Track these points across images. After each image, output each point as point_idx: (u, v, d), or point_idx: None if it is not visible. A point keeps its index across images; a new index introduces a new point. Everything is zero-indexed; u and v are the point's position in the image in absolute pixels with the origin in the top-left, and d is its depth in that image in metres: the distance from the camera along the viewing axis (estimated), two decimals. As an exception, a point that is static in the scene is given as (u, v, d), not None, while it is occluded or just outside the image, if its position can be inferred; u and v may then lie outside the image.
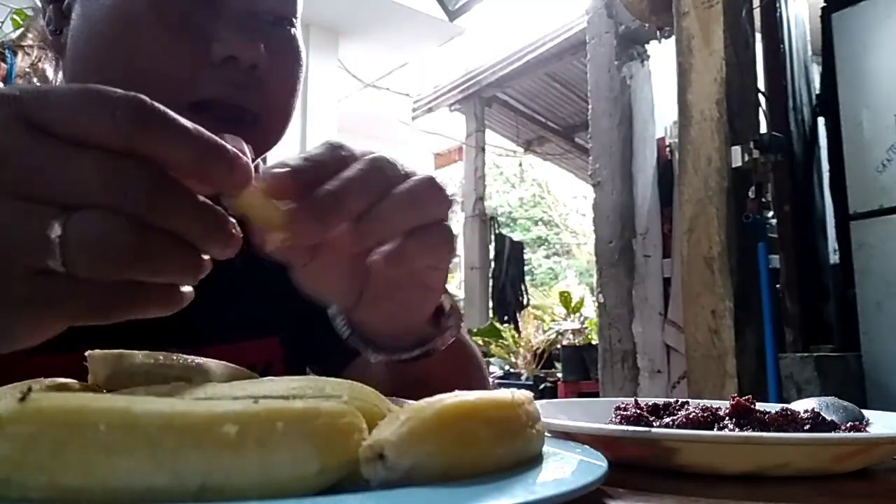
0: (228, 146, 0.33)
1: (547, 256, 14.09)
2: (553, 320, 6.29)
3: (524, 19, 5.57)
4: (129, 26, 0.58)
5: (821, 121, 3.32)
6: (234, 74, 0.59)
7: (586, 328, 5.87)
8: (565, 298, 6.29)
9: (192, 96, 0.58)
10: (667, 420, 0.46)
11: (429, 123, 7.20)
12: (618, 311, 3.56)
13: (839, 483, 0.40)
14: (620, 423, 0.47)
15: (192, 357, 0.36)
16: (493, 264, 6.33)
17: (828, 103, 3.15)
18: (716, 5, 2.65)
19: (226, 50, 0.58)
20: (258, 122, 0.62)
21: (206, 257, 0.33)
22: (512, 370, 6.08)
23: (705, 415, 0.45)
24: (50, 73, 0.69)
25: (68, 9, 0.62)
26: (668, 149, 3.56)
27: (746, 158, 2.56)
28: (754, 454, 0.39)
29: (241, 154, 0.33)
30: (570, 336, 5.92)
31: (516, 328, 6.22)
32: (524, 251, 6.85)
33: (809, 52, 3.42)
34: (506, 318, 6.28)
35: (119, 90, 0.31)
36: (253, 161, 0.62)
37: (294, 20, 0.65)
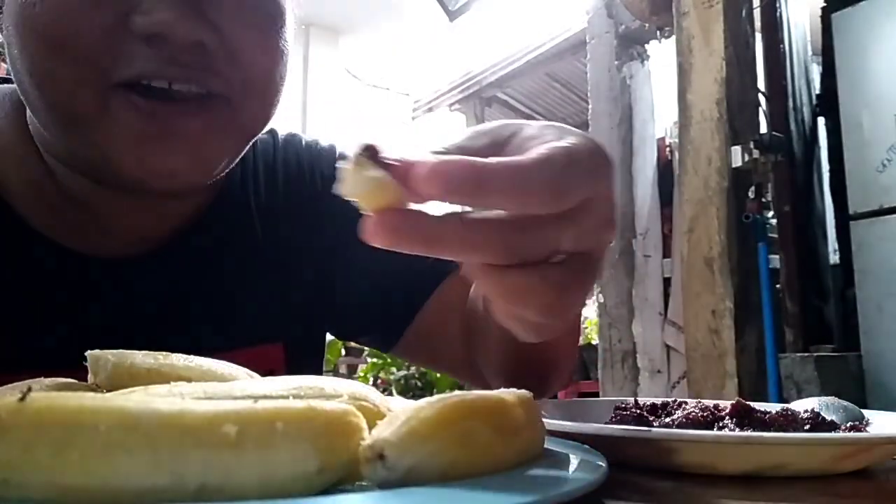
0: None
1: (547, 256, 14.09)
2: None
3: (524, 19, 5.57)
4: (31, 2, 0.48)
5: (821, 121, 3.33)
6: (164, 51, 0.48)
7: (586, 328, 5.87)
8: (565, 298, 6.27)
9: (117, 76, 0.49)
10: (666, 420, 0.46)
11: (429, 123, 7.20)
12: (618, 311, 3.56)
13: (839, 483, 0.40)
14: (620, 423, 0.47)
15: (192, 357, 0.36)
16: (493, 264, 6.31)
17: (828, 103, 3.15)
18: (716, 5, 2.65)
19: (147, 24, 0.47)
20: (224, 102, 0.53)
21: None
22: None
23: (705, 415, 0.45)
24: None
25: None
26: (668, 149, 3.56)
27: (746, 158, 2.56)
28: (754, 454, 0.39)
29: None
30: (570, 336, 5.90)
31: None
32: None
33: (809, 52, 3.42)
34: (506, 317, 6.27)
35: None
36: (236, 154, 0.59)
37: None
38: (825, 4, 3.17)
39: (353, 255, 0.71)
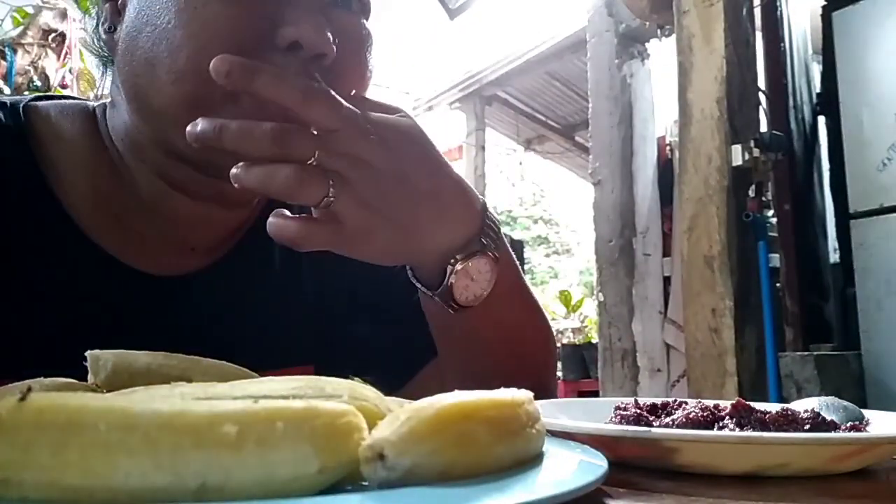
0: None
1: (547, 255, 14.08)
2: (553, 319, 6.29)
3: (524, 18, 5.56)
4: (188, 10, 0.55)
5: (821, 119, 3.32)
6: (298, 63, 0.56)
7: (586, 327, 5.87)
8: (565, 297, 6.29)
9: None
10: (666, 420, 0.46)
11: (429, 122, 7.19)
12: (618, 310, 3.56)
13: (839, 483, 0.40)
14: (620, 422, 0.47)
15: (192, 357, 0.36)
16: (493, 263, 6.30)
17: (828, 102, 3.15)
18: (716, 4, 2.65)
19: (293, 33, 0.55)
20: None
21: None
22: (512, 369, 6.06)
23: (705, 415, 0.45)
24: (50, 71, 0.69)
25: (123, 6, 0.60)
26: (668, 147, 3.56)
27: (747, 157, 2.56)
28: (754, 454, 0.39)
29: None
30: (570, 335, 5.92)
31: (516, 327, 6.20)
32: (524, 250, 6.84)
33: (810, 51, 3.42)
34: (506, 316, 6.25)
35: None
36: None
37: (366, 13, 0.63)
38: (826, 3, 3.17)
39: (385, 297, 0.76)
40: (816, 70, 3.42)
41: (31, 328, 0.59)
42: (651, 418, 0.47)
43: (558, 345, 5.60)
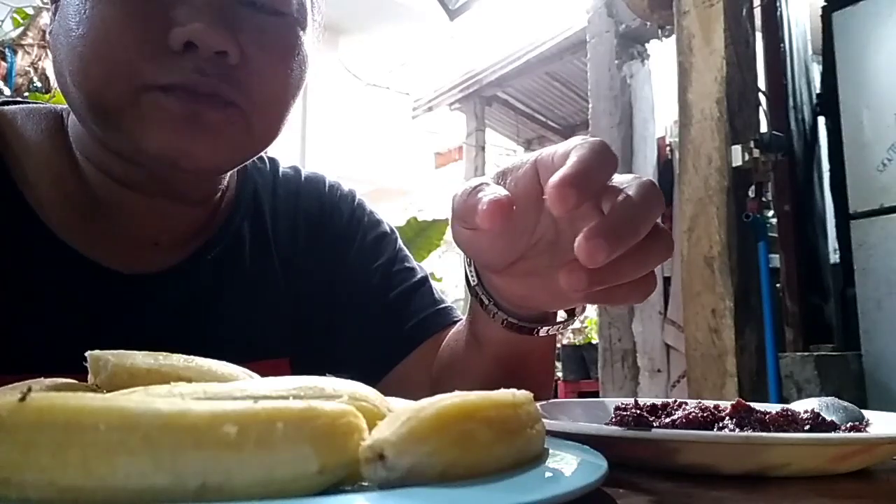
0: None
1: (547, 255, 14.07)
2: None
3: (524, 18, 5.56)
4: (82, 13, 0.54)
5: (821, 120, 3.33)
6: (197, 62, 0.55)
7: (586, 327, 5.87)
8: (565, 297, 6.27)
9: (149, 81, 0.54)
10: (667, 420, 0.46)
11: (429, 122, 7.19)
12: (618, 311, 3.56)
13: (839, 483, 0.40)
14: (620, 423, 0.46)
15: (192, 357, 0.36)
16: (493, 263, 6.29)
17: (828, 102, 3.15)
18: (716, 4, 2.65)
19: (183, 35, 0.54)
20: (240, 112, 0.58)
21: None
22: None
23: (705, 415, 0.45)
24: (50, 72, 0.70)
25: (57, 8, 0.60)
26: (668, 148, 3.56)
27: (747, 158, 2.56)
28: (754, 454, 0.39)
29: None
30: (570, 335, 5.92)
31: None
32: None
33: (810, 52, 3.42)
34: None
35: None
36: (242, 159, 0.64)
37: (289, 13, 0.61)
38: (825, 3, 3.17)
39: (358, 296, 0.78)
40: (816, 70, 3.42)
41: (0, 327, 0.59)
42: (651, 419, 0.47)
43: (558, 345, 5.60)
